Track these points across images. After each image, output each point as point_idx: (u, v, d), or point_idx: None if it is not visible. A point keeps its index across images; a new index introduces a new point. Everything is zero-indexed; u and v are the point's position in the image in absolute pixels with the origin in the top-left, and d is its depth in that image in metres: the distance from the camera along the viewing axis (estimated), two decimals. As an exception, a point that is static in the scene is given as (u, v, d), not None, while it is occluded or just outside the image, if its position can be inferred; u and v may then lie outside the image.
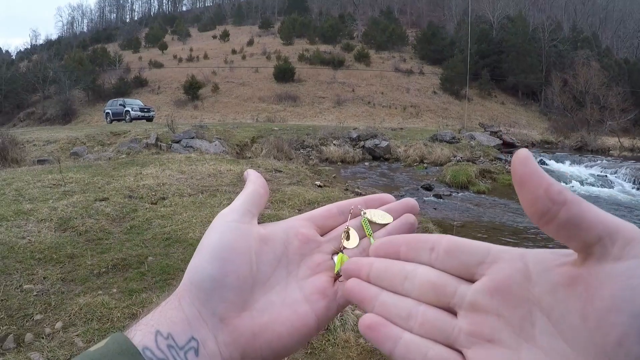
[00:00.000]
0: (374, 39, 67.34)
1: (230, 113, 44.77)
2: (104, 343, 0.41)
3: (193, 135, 16.18)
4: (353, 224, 0.56)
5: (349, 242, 0.54)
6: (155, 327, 0.42)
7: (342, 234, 0.55)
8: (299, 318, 0.48)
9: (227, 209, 0.52)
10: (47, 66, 51.48)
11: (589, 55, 50.89)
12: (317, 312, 0.49)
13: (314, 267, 0.52)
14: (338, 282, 0.52)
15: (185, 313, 0.44)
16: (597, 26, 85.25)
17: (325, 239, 0.55)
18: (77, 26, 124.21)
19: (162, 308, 0.45)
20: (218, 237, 0.48)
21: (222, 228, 0.49)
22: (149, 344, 0.41)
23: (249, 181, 0.56)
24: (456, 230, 8.86)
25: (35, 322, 3.64)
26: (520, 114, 54.62)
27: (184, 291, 0.46)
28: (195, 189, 8.33)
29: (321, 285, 0.51)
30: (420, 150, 18.67)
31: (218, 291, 0.45)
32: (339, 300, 0.51)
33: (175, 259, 5.03)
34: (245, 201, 0.53)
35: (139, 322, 0.44)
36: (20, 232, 5.48)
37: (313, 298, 0.50)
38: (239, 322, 0.46)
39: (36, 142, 15.93)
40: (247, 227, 0.50)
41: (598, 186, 15.36)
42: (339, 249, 0.54)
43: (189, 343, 0.43)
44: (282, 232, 0.53)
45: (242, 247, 0.48)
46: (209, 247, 0.47)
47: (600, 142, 26.58)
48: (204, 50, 67.68)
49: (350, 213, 0.57)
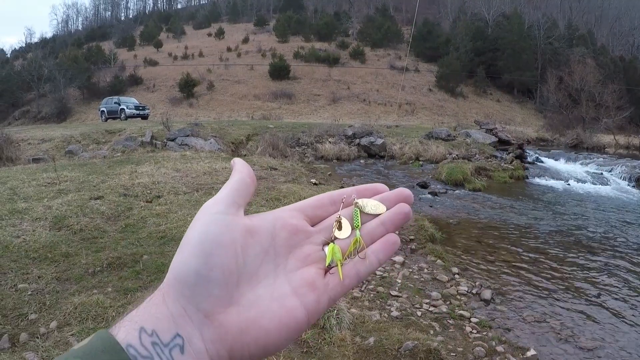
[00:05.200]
0: (369, 36, 67.27)
1: (225, 111, 44.70)
2: (88, 341, 0.40)
3: (188, 133, 16.14)
4: (345, 214, 0.55)
5: (340, 232, 0.53)
6: (140, 324, 0.42)
7: (334, 223, 0.54)
8: (287, 313, 0.47)
9: (211, 200, 0.50)
10: (42, 64, 51.16)
11: (584, 53, 51.05)
12: (306, 305, 0.48)
13: (303, 259, 0.51)
14: (329, 273, 0.51)
15: (169, 309, 0.43)
16: (592, 24, 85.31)
17: (316, 229, 0.54)
18: (72, 24, 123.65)
19: (146, 304, 0.44)
20: (202, 230, 0.47)
21: (206, 220, 0.48)
22: (132, 342, 0.40)
23: (235, 170, 0.54)
24: (452, 228, 8.87)
25: (30, 321, 3.62)
26: (515, 111, 54.79)
27: (168, 287, 0.45)
28: (190, 187, 8.32)
29: (310, 278, 0.50)
30: (415, 147, 18.66)
31: (203, 286, 0.44)
32: (330, 293, 0.50)
33: (170, 257, 4.94)
34: (231, 191, 0.51)
35: (123, 319, 0.43)
36: (14, 231, 5.45)
37: (302, 291, 0.49)
38: (225, 317, 0.45)
39: (31, 141, 15.87)
40: (232, 218, 0.49)
41: (594, 184, 15.40)
42: (330, 240, 0.53)
43: (173, 340, 0.42)
44: (269, 224, 0.52)
45: (227, 240, 0.47)
46: (192, 241, 0.46)
47: (595, 140, 26.66)
48: (199, 48, 67.49)
49: (342, 202, 0.56)
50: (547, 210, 11.14)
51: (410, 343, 3.69)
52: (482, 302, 5.35)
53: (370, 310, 4.44)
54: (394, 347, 3.68)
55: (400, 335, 3.85)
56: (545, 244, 8.24)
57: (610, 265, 7.18)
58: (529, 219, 10.12)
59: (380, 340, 3.75)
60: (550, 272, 6.69)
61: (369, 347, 3.65)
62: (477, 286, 5.74)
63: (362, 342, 3.71)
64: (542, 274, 6.60)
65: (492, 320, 4.88)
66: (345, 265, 0.51)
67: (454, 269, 6.30)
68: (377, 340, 3.75)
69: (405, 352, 3.61)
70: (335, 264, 0.51)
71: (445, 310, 4.89)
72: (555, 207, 11.72)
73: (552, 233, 9.06)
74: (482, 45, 58.35)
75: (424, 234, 7.25)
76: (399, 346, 3.68)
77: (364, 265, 0.51)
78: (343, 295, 0.51)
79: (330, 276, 0.50)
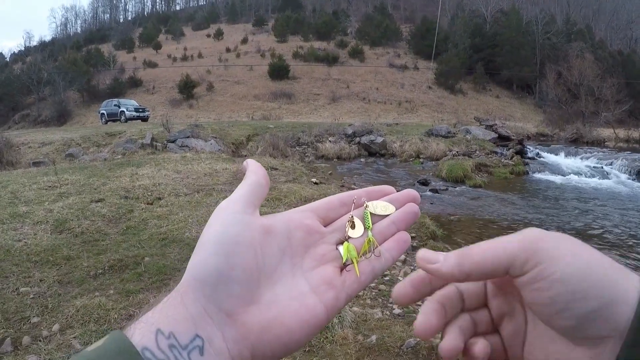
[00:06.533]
0: (367, 35, 67.31)
1: (225, 112, 44.74)
2: (101, 342, 0.39)
3: (188, 135, 16.14)
4: (356, 214, 0.56)
5: (354, 232, 0.54)
6: (156, 326, 0.41)
7: (347, 223, 0.55)
8: (307, 310, 0.47)
9: (228, 201, 0.50)
10: (41, 68, 51.25)
11: (582, 48, 50.97)
12: (325, 303, 0.48)
13: (319, 258, 0.52)
14: (345, 271, 0.51)
15: (188, 310, 0.43)
16: (590, 18, 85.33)
17: (329, 229, 0.55)
18: (70, 27, 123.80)
19: (162, 305, 0.43)
20: (221, 229, 0.47)
21: (224, 220, 0.48)
22: (148, 344, 0.39)
23: (250, 171, 0.54)
24: (453, 224, 8.88)
25: (32, 324, 3.63)
26: (515, 107, 54.78)
27: (187, 287, 0.44)
28: (191, 189, 8.32)
29: (328, 276, 0.50)
30: (416, 145, 18.66)
31: (224, 285, 0.44)
32: (347, 290, 0.50)
33: (172, 259, 5.02)
34: (247, 192, 0.51)
35: (138, 320, 0.42)
36: (16, 235, 5.46)
37: (321, 289, 0.49)
38: (247, 317, 0.44)
39: (31, 144, 15.88)
40: (250, 218, 0.49)
41: (594, 177, 15.39)
42: (344, 239, 0.54)
43: (193, 342, 0.41)
44: (284, 224, 0.52)
45: (246, 239, 0.47)
46: (212, 241, 0.46)
47: (595, 134, 26.63)
48: (198, 49, 67.60)
49: (353, 203, 0.57)
50: (548, 206, 11.14)
51: (412, 340, 3.70)
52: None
53: (372, 309, 4.44)
54: (396, 344, 3.69)
55: (402, 333, 3.85)
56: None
57: (615, 259, 7.17)
58: (530, 214, 10.12)
59: (383, 338, 3.76)
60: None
61: (371, 345, 3.65)
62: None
63: (364, 340, 3.72)
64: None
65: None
66: (361, 262, 0.52)
67: (455, 265, 6.30)
68: (379, 338, 3.75)
69: (407, 349, 3.61)
70: (350, 262, 0.52)
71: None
72: (556, 202, 11.73)
73: (554, 228, 9.04)
74: (481, 42, 58.45)
75: (425, 231, 7.26)
76: (401, 344, 3.69)
77: (379, 262, 0.52)
78: (359, 291, 0.51)
79: (347, 274, 0.51)
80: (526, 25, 62.71)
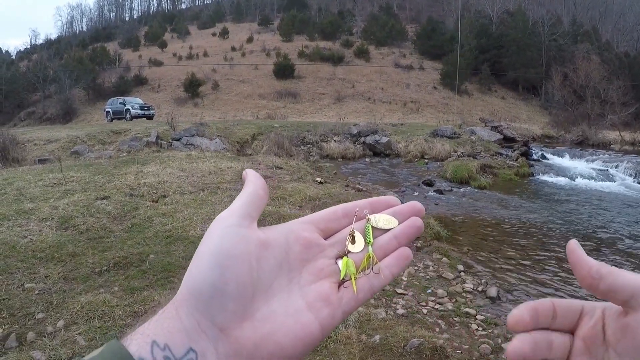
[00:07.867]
0: (373, 34, 67.18)
1: (230, 110, 44.74)
2: (98, 352, 0.40)
3: (193, 133, 16.18)
4: (358, 227, 0.54)
5: (354, 246, 0.53)
6: (152, 338, 0.41)
7: (347, 237, 0.54)
8: (302, 328, 0.46)
9: (225, 212, 0.49)
10: (47, 66, 51.44)
11: (589, 49, 50.75)
12: (320, 320, 0.48)
13: (317, 273, 0.51)
14: (343, 287, 0.50)
15: (183, 323, 0.43)
16: (597, 20, 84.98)
17: (329, 242, 0.54)
18: (76, 25, 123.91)
19: (158, 317, 0.44)
20: (217, 242, 0.46)
21: (220, 233, 0.47)
22: (144, 355, 0.40)
23: (248, 181, 0.53)
24: (457, 225, 8.86)
25: (37, 320, 3.65)
26: (520, 108, 54.58)
27: (182, 300, 0.44)
28: (196, 187, 8.34)
29: (324, 292, 0.49)
30: (420, 145, 18.63)
31: (218, 300, 0.44)
32: (344, 307, 0.49)
33: (176, 256, 5.03)
34: (244, 203, 0.50)
35: (135, 331, 0.42)
36: (21, 231, 5.49)
37: (316, 306, 0.48)
38: (240, 332, 0.44)
39: (37, 142, 15.94)
40: (246, 231, 0.48)
41: (599, 180, 15.33)
42: (343, 253, 0.53)
43: (187, 355, 0.41)
44: (283, 237, 0.51)
45: (242, 253, 0.46)
46: (207, 254, 0.46)
47: (601, 136, 26.48)
48: (204, 48, 67.62)
49: (355, 216, 0.55)
50: (552, 208, 11.11)
51: (415, 340, 3.70)
52: (487, 299, 5.34)
53: (376, 308, 4.44)
54: (400, 344, 3.69)
55: (406, 333, 3.85)
56: (551, 241, 8.22)
57: (617, 262, 7.15)
58: (534, 216, 10.09)
59: (386, 338, 3.76)
60: (556, 270, 6.66)
61: (375, 345, 3.65)
62: (482, 284, 5.73)
63: (368, 339, 3.72)
64: (548, 272, 6.58)
65: (498, 317, 4.86)
66: (359, 279, 0.51)
67: (459, 266, 6.29)
68: (382, 338, 3.75)
69: (411, 349, 3.61)
70: (349, 278, 0.51)
71: (450, 307, 4.89)
72: (561, 204, 11.69)
73: (558, 230, 9.04)
74: (487, 43, 58.23)
75: (430, 232, 7.26)
76: (404, 344, 3.69)
77: (378, 279, 0.51)
78: (356, 309, 0.50)
79: (344, 290, 0.50)
80: (532, 26, 62.45)
